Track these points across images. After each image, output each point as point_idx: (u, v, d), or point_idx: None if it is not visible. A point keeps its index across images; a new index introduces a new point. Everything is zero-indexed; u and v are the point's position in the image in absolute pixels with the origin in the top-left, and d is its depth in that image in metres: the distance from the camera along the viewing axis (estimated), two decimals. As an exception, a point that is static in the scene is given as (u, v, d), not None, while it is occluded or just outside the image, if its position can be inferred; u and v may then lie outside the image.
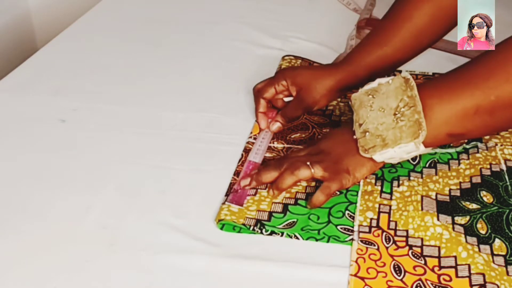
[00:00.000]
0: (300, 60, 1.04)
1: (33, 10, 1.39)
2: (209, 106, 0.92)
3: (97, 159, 0.80)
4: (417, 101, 0.69)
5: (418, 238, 0.68)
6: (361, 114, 0.73)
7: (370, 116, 0.72)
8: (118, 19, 1.21)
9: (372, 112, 0.72)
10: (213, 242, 0.67)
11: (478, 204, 0.72)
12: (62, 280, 0.63)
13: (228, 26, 1.17)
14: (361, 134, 0.72)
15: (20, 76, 1.00)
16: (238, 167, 0.78)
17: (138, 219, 0.71)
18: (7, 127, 0.87)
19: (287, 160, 0.74)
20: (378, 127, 0.71)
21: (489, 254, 0.65)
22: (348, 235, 0.68)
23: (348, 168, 0.72)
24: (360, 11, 1.22)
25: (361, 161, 0.73)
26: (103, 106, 0.92)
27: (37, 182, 0.76)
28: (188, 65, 1.04)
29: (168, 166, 0.79)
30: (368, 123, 0.72)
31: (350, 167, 0.73)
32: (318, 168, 0.71)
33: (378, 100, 0.72)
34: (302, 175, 0.71)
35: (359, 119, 0.73)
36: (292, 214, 0.71)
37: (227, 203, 0.71)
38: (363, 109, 0.73)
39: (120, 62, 1.05)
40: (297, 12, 1.24)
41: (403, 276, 0.63)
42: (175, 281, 0.63)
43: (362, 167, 0.73)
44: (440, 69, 0.96)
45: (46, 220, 0.70)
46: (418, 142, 0.69)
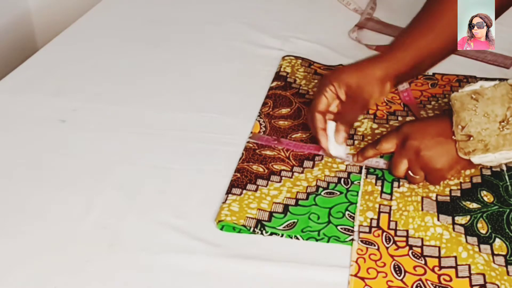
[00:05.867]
0: (300, 60, 1.04)
1: (33, 10, 1.39)
2: (209, 106, 0.92)
3: (97, 159, 0.80)
4: None
5: (418, 238, 0.68)
6: (463, 116, 0.72)
7: (473, 120, 0.71)
8: (118, 19, 1.21)
9: (475, 117, 0.71)
10: (213, 242, 0.67)
11: (478, 203, 0.72)
12: (62, 280, 0.63)
13: (228, 26, 1.17)
14: (463, 136, 0.72)
15: (20, 76, 1.00)
16: None
17: (138, 219, 0.71)
18: (7, 127, 0.87)
19: (390, 164, 0.76)
20: (481, 132, 0.71)
21: (489, 254, 0.65)
22: (348, 235, 0.68)
23: (442, 166, 0.73)
24: (360, 11, 1.22)
25: (457, 159, 0.73)
26: (103, 106, 0.92)
27: (37, 182, 0.76)
28: (188, 65, 1.04)
29: (168, 166, 0.79)
30: (471, 127, 0.71)
31: (445, 165, 0.73)
32: (417, 171, 0.74)
33: (482, 105, 0.71)
34: (415, 183, 0.75)
35: (461, 121, 0.72)
36: (292, 215, 0.71)
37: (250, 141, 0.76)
38: (466, 112, 0.72)
39: (120, 62, 1.05)
40: (297, 12, 1.24)
41: (403, 276, 0.63)
42: (175, 281, 0.63)
43: (457, 164, 0.74)
44: (440, 69, 0.96)
45: (46, 220, 0.70)
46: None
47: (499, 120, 0.70)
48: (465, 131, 0.71)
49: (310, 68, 1.01)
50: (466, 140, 0.71)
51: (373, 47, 1.09)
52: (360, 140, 0.84)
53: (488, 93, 0.72)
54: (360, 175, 0.77)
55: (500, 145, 0.70)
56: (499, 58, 1.03)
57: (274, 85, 0.97)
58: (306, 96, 0.94)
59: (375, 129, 0.86)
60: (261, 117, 0.88)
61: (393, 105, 0.90)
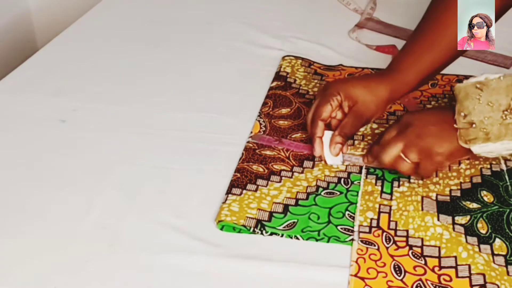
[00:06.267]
0: (300, 60, 1.04)
1: (33, 10, 1.39)
2: (209, 106, 0.92)
3: (97, 159, 0.80)
4: None
5: (418, 238, 0.67)
6: (466, 105, 0.72)
7: (476, 108, 0.71)
8: (118, 19, 1.21)
9: (479, 105, 0.71)
10: (213, 242, 0.67)
11: (478, 203, 0.72)
12: (62, 280, 0.63)
13: (228, 26, 1.17)
14: (464, 124, 0.72)
15: (20, 76, 1.00)
16: None
17: (138, 219, 0.71)
18: (7, 127, 0.87)
19: (381, 149, 0.74)
20: (483, 120, 0.71)
21: (489, 254, 0.65)
22: (348, 235, 0.68)
23: (443, 152, 0.73)
24: (360, 11, 1.22)
25: (457, 148, 0.73)
26: (103, 106, 0.92)
27: (37, 182, 0.76)
28: (188, 65, 1.04)
29: (168, 166, 0.79)
30: (473, 115, 0.71)
31: (445, 151, 0.73)
32: (412, 155, 0.72)
33: (486, 94, 0.71)
34: (404, 169, 0.73)
35: (464, 109, 0.72)
36: (292, 215, 0.71)
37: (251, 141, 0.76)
38: (470, 101, 0.72)
39: (120, 62, 1.05)
40: (297, 12, 1.24)
41: (403, 276, 0.63)
42: (175, 281, 0.63)
43: (458, 152, 0.73)
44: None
45: (46, 221, 0.70)
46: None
47: (503, 109, 0.70)
48: (467, 119, 0.71)
49: (310, 68, 1.01)
50: (467, 128, 0.71)
51: (373, 47, 1.09)
52: (360, 140, 0.84)
53: (493, 83, 0.72)
54: (360, 175, 0.77)
55: (502, 134, 0.70)
56: (499, 58, 1.03)
57: (274, 85, 0.97)
58: (306, 96, 0.94)
59: (375, 129, 0.86)
60: (261, 117, 0.88)
61: (393, 105, 0.90)
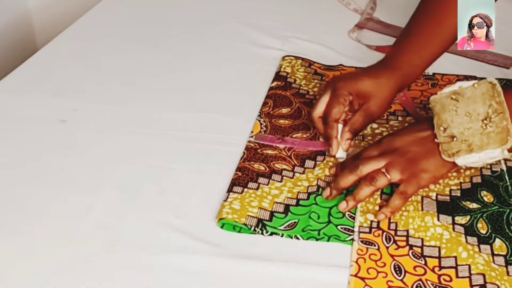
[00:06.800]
0: (300, 60, 1.04)
1: (33, 10, 1.39)
2: (209, 106, 0.92)
3: (97, 159, 0.80)
4: (505, 107, 0.69)
5: (418, 238, 0.67)
6: (444, 118, 0.71)
7: (455, 121, 0.71)
8: (118, 19, 1.21)
9: (457, 117, 0.71)
10: (213, 242, 0.67)
11: (478, 203, 0.72)
12: (62, 280, 0.63)
13: (228, 26, 1.17)
14: (445, 138, 0.71)
15: (20, 76, 1.00)
16: None
17: (138, 219, 0.71)
18: (7, 127, 0.87)
19: (361, 161, 0.72)
20: (464, 132, 0.70)
21: (489, 254, 0.65)
22: (349, 235, 0.68)
23: (427, 169, 0.71)
24: (360, 11, 1.22)
25: (441, 163, 0.72)
26: (103, 106, 0.92)
27: (37, 182, 0.76)
28: (188, 65, 1.04)
29: (168, 166, 0.79)
30: (453, 128, 0.71)
31: (430, 168, 0.71)
32: (395, 172, 0.70)
33: (463, 105, 0.71)
34: (380, 184, 0.70)
35: (442, 123, 0.71)
36: (293, 215, 0.71)
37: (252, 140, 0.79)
38: (447, 113, 0.71)
39: (120, 62, 1.05)
40: (297, 12, 1.24)
41: (403, 276, 0.63)
42: (175, 281, 0.63)
43: (442, 167, 0.72)
44: (440, 69, 0.96)
45: (46, 220, 0.70)
46: (505, 148, 0.69)
47: (481, 118, 0.70)
48: (448, 133, 0.71)
49: (310, 68, 1.01)
50: (449, 141, 0.71)
51: (373, 47, 1.09)
52: (361, 140, 0.84)
53: (467, 92, 0.71)
54: (360, 175, 0.77)
55: (484, 144, 0.69)
56: (499, 58, 1.03)
57: (274, 85, 0.97)
58: (306, 96, 0.94)
59: (375, 129, 0.86)
60: (262, 117, 0.88)
61: (393, 105, 0.90)
